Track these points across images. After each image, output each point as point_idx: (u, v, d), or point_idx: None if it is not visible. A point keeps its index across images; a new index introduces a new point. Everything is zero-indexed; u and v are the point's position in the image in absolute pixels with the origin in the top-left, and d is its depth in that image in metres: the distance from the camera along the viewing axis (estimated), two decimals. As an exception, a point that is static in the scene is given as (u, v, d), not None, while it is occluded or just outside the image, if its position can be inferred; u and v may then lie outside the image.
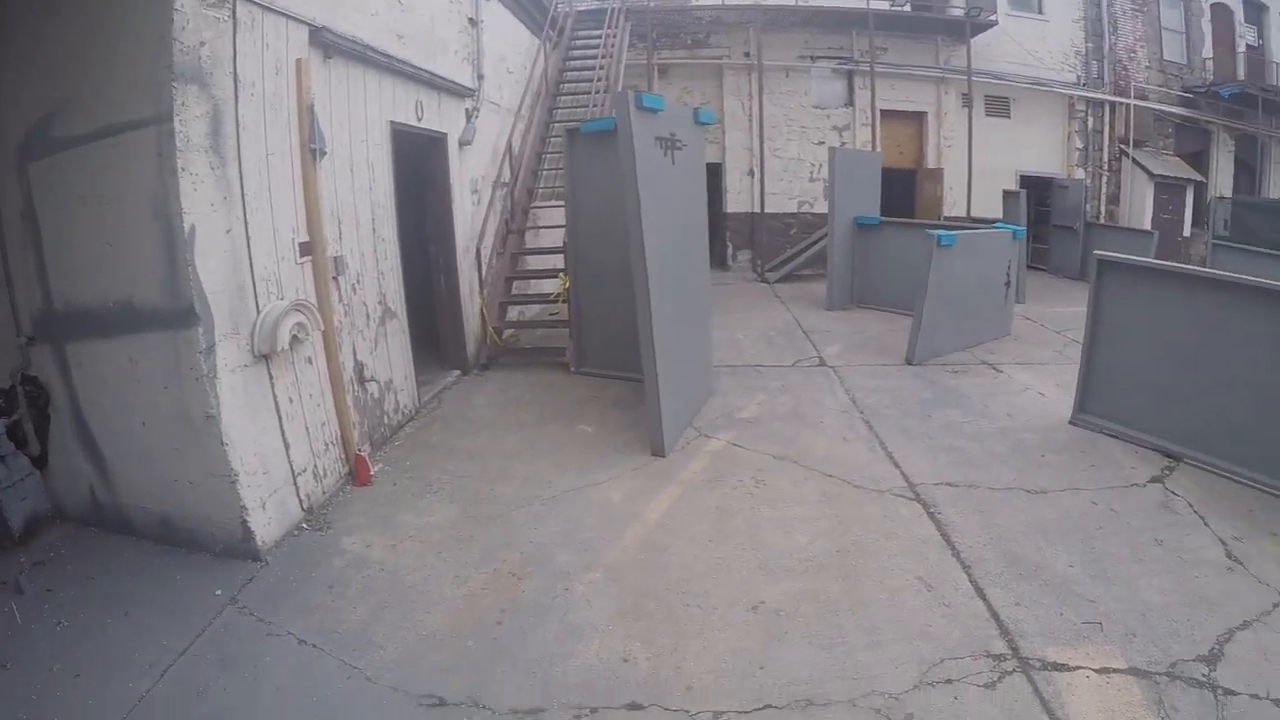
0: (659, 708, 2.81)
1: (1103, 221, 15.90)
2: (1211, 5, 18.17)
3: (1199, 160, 18.07)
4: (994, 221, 11.06)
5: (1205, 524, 4.38)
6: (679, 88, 13.95)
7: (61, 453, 4.40)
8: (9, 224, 4.20)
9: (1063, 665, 3.16)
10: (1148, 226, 15.24)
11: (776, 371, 7.35)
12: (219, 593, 3.64)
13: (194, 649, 3.21)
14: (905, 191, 14.65)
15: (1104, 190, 16.47)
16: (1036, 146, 15.74)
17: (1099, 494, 4.76)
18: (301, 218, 4.45)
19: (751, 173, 13.79)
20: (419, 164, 6.65)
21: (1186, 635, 3.35)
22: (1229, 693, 3.00)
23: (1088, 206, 15.34)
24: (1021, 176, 15.45)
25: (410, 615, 3.39)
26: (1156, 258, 12.30)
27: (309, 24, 4.49)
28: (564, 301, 7.38)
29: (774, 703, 2.87)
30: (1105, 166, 16.44)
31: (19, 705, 2.91)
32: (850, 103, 14.38)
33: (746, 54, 13.45)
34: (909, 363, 7.70)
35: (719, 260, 14.60)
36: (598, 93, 9.66)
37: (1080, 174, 15.90)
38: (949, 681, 3.07)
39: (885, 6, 14.03)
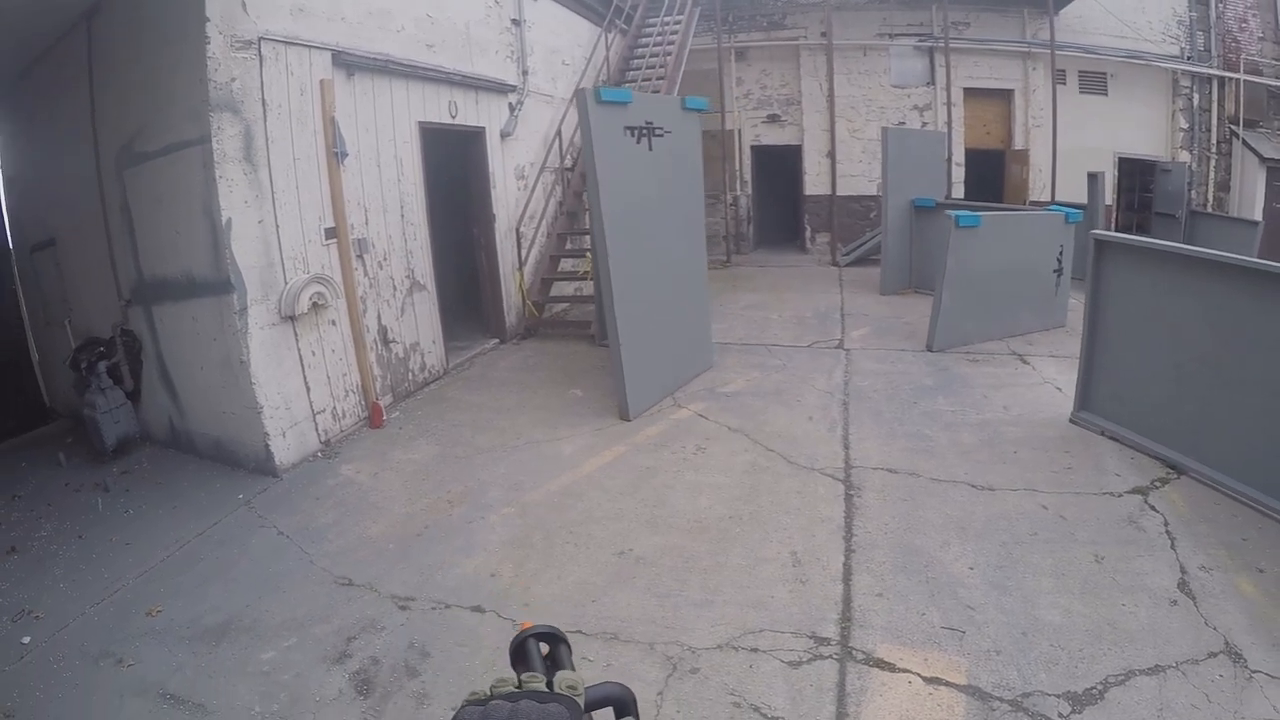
0: (495, 614, 3.54)
1: (1209, 209, 14.71)
2: (1337, -36, 16.05)
3: (1323, 143, 16.16)
4: (1080, 206, 10.72)
5: (1172, 547, 4.03)
6: (757, 70, 14.22)
7: (150, 389, 5.87)
8: (112, 216, 5.67)
9: (888, 665, 3.12)
10: (1258, 216, 14.01)
11: (786, 351, 7.80)
12: (240, 497, 4.89)
13: (207, 532, 4.45)
14: (994, 174, 14.21)
15: (1212, 175, 15.12)
16: (1137, 126, 14.53)
17: (1057, 498, 4.58)
18: (328, 208, 5.60)
19: (830, 155, 13.89)
20: (459, 155, 7.71)
21: (1067, 667, 3.10)
22: (1084, 743, 2.73)
23: (1193, 192, 14.24)
24: (1120, 158, 14.50)
25: (360, 523, 4.46)
26: (1262, 253, 11.47)
27: (331, 49, 5.58)
28: (591, 278, 8.27)
29: (585, 630, 3.39)
30: (1213, 149, 15.06)
31: (84, 560, 4.25)
32: (931, 81, 13.97)
33: (823, 34, 13.44)
34: (929, 349, 7.81)
35: (798, 243, 14.83)
36: (659, 79, 10.39)
37: (1185, 156, 14.78)
38: (754, 650, 3.23)
39: (965, -23, 13.34)
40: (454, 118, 7.21)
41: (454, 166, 7.70)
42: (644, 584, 3.76)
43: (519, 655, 0.95)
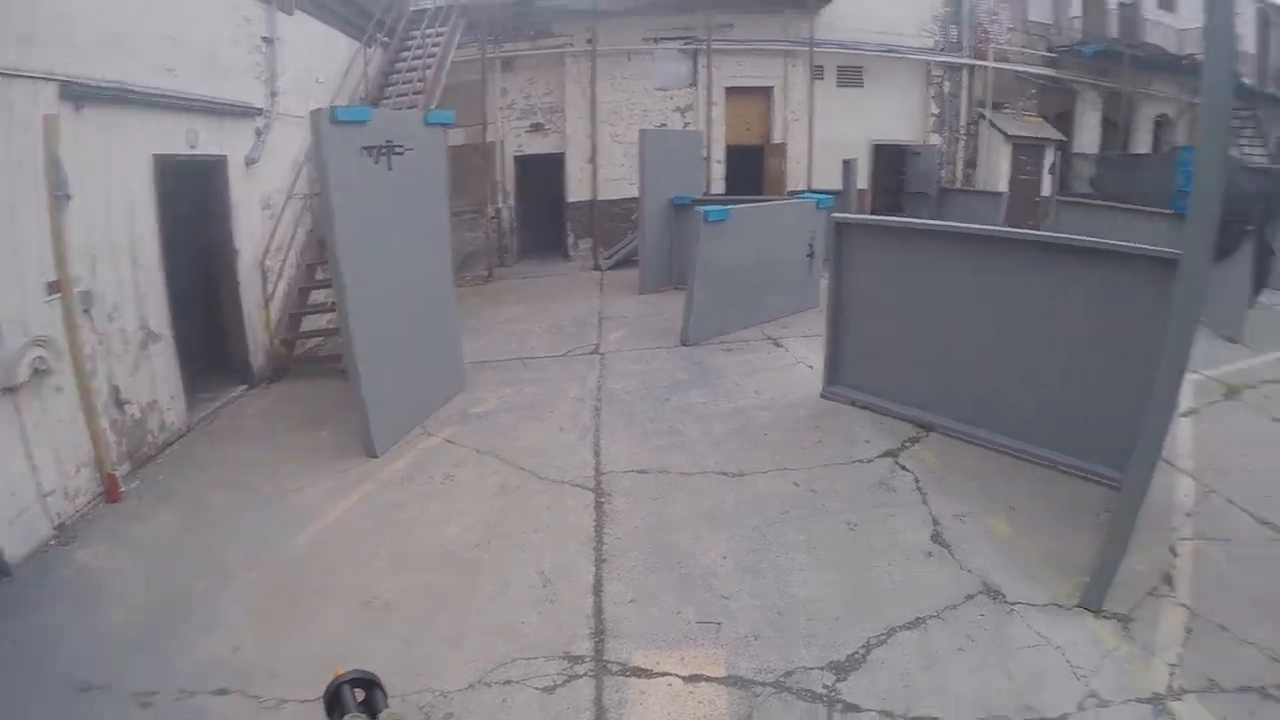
0: (241, 694, 3.49)
1: (958, 186, 16.89)
2: (1082, -36, 18.85)
3: (1065, 119, 19.06)
4: (834, 192, 11.65)
5: (924, 502, 4.29)
6: (523, 79, 14.46)
7: None
8: None
9: (645, 671, 3.18)
10: (1003, 188, 16.20)
11: (542, 363, 8.06)
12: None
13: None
14: (756, 168, 15.32)
15: (961, 154, 17.38)
16: (891, 114, 16.33)
17: (808, 474, 4.81)
18: (50, 260, 5.28)
19: (591, 160, 14.36)
20: (199, 187, 7.42)
21: (826, 638, 3.22)
22: (851, 709, 2.89)
23: (943, 171, 16.32)
24: (875, 145, 16.21)
25: (98, 612, 4.34)
26: (1007, 219, 13.27)
27: (59, 79, 5.29)
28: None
29: (332, 690, 3.52)
30: (963, 130, 17.33)
31: None
32: (694, 82, 14.74)
33: (589, 40, 13.89)
34: (684, 344, 8.23)
35: (562, 251, 15.19)
36: (417, 94, 10.40)
37: (936, 139, 16.76)
38: (507, 683, 3.23)
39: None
40: (194, 148, 6.97)
41: (194, 200, 7.41)
42: (393, 631, 3.80)
43: (334, 703, 0.93)
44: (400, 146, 6.12)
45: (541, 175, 15.03)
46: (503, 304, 11.35)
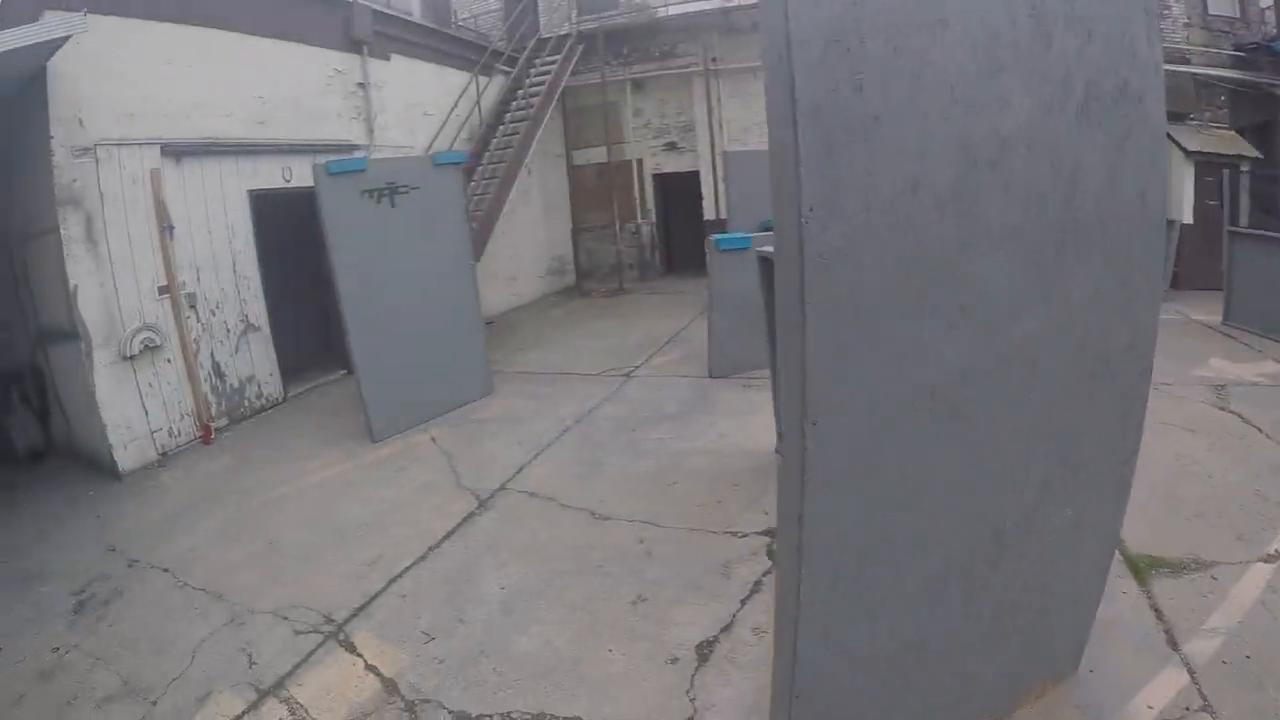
0: (204, 562, 5.92)
1: None
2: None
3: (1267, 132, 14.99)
4: None
5: None
6: (656, 100, 16.04)
7: (54, 411, 8.63)
8: (20, 280, 8.41)
9: None
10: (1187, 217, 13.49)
11: (569, 380, 9.62)
12: (91, 494, 7.45)
13: (55, 522, 6.98)
14: None
15: None
16: None
17: None
18: (161, 271, 8.21)
19: (724, 180, 14.79)
20: (303, 211, 9.84)
21: None
22: None
23: None
24: None
25: (146, 509, 6.94)
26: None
27: (160, 142, 8.16)
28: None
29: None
30: None
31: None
32: None
33: (714, 59, 15.01)
34: (711, 375, 9.08)
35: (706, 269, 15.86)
36: (519, 121, 12.73)
37: None
38: None
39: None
40: (289, 181, 9.76)
41: (300, 219, 9.91)
42: (275, 564, 5.81)
43: None
44: (404, 187, 8.11)
45: (681, 193, 16.52)
46: (604, 318, 12.97)
